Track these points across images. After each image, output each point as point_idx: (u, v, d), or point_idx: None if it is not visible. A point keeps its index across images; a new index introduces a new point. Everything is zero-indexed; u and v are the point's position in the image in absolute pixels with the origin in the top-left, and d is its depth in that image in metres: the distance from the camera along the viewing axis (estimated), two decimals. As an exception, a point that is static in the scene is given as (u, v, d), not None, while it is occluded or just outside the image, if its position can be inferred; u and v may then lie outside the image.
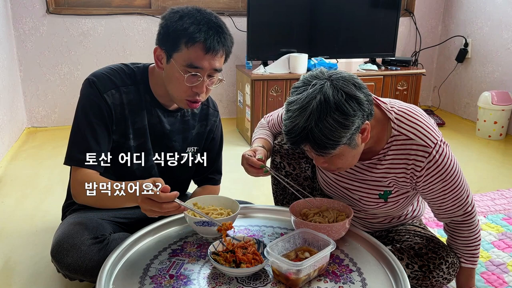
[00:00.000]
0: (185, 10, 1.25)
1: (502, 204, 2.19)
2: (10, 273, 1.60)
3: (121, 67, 1.37)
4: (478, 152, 3.02)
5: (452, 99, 3.91)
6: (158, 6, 3.33)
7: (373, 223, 1.47)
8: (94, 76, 1.33)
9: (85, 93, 1.32)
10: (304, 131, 1.07)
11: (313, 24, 3.29)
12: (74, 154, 1.30)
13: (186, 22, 1.22)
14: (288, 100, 1.12)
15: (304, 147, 1.15)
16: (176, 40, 1.23)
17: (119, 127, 1.34)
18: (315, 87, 1.08)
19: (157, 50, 1.29)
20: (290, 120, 1.09)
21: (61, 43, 3.20)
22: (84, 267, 1.23)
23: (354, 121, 1.08)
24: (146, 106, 1.37)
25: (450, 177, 1.23)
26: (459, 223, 1.32)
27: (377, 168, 1.29)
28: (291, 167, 1.44)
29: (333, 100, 1.06)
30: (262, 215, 1.47)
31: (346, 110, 1.06)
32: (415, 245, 1.35)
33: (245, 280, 1.12)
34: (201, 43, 1.22)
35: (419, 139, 1.21)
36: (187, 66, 1.24)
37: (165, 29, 1.25)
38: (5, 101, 2.78)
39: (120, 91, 1.33)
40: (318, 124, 1.06)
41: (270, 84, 2.99)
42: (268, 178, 1.82)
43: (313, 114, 1.06)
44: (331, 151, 1.11)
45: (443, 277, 1.32)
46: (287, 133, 1.11)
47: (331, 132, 1.07)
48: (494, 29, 3.43)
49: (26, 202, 2.16)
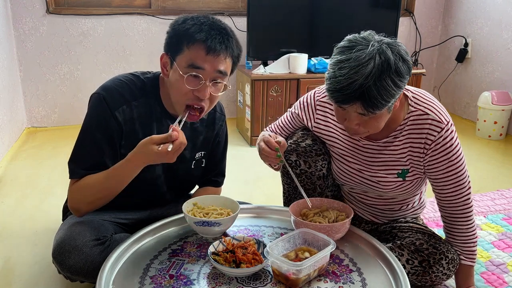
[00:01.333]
0: (191, 15, 1.25)
1: (502, 204, 2.19)
2: (10, 274, 1.60)
3: (132, 79, 1.34)
4: (478, 152, 3.03)
5: (452, 99, 3.91)
6: (158, 6, 3.33)
7: (383, 211, 1.49)
8: (105, 90, 1.29)
9: (94, 110, 1.29)
10: (361, 89, 1.09)
11: (313, 24, 3.29)
12: (77, 170, 1.30)
13: (188, 23, 1.22)
14: (338, 58, 1.14)
15: (350, 106, 1.15)
16: (179, 43, 1.22)
17: (128, 141, 1.32)
18: (373, 48, 1.11)
19: (163, 57, 1.28)
20: (345, 77, 1.10)
21: (61, 43, 3.20)
22: (86, 269, 1.22)
23: (405, 83, 1.14)
24: (156, 117, 1.35)
25: (456, 159, 1.28)
26: (457, 216, 1.34)
27: (394, 145, 1.33)
28: (307, 165, 1.44)
29: (393, 62, 1.10)
30: (262, 215, 1.47)
31: (402, 72, 1.12)
32: (416, 241, 1.36)
33: (245, 280, 1.12)
34: (201, 42, 1.20)
35: (434, 114, 1.27)
36: (188, 67, 1.22)
37: (170, 35, 1.25)
38: (5, 101, 2.78)
39: (131, 106, 1.31)
40: (376, 83, 1.09)
41: (270, 84, 2.99)
42: (268, 179, 1.84)
43: (374, 73, 1.09)
44: (378, 111, 1.14)
45: (442, 272, 1.33)
46: (339, 90, 1.12)
47: (386, 92, 1.11)
48: (494, 29, 3.43)
49: (26, 202, 2.16)
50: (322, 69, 3.10)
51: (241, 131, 3.34)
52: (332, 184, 1.53)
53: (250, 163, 2.69)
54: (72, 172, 1.31)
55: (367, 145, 1.37)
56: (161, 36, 3.36)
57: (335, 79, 1.12)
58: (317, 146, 1.44)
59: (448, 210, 1.35)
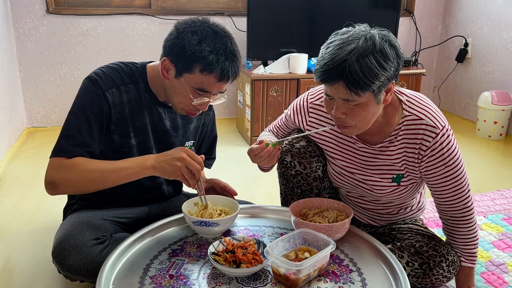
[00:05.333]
0: (203, 31, 1.23)
1: (502, 204, 2.19)
2: (10, 273, 1.60)
3: (120, 65, 1.37)
4: (478, 152, 3.02)
5: (452, 99, 3.91)
6: (158, 6, 3.33)
7: (381, 215, 1.48)
8: (95, 74, 1.32)
9: (85, 89, 1.31)
10: (343, 64, 1.10)
11: (313, 24, 3.29)
12: (67, 146, 1.25)
13: (205, 49, 1.21)
14: (328, 41, 1.19)
15: (334, 85, 1.15)
16: (192, 63, 1.23)
17: (119, 127, 1.34)
18: (360, 30, 1.16)
19: (165, 61, 1.27)
20: (330, 54, 1.13)
21: (61, 43, 3.20)
22: (86, 269, 1.22)
23: (390, 67, 1.13)
24: (146, 104, 1.37)
25: (453, 164, 1.26)
26: (458, 219, 1.33)
27: (389, 151, 1.32)
28: (302, 166, 1.44)
29: (378, 42, 1.12)
30: (262, 215, 1.47)
31: (387, 54, 1.13)
32: (416, 243, 1.36)
33: (245, 280, 1.12)
34: (217, 73, 1.23)
35: (429, 119, 1.25)
36: (197, 89, 1.26)
37: (180, 48, 1.23)
38: (5, 101, 2.78)
39: (120, 90, 1.33)
40: (359, 60, 1.10)
41: (270, 84, 2.99)
42: (268, 179, 1.84)
43: (357, 49, 1.11)
44: (361, 92, 1.13)
45: (443, 275, 1.33)
46: (323, 66, 1.14)
47: (369, 70, 1.10)
48: (494, 29, 3.43)
49: (26, 202, 2.16)
50: (322, 69, 3.10)
51: (241, 131, 3.34)
52: (329, 186, 1.53)
53: (250, 163, 2.68)
54: (61, 149, 1.26)
55: (362, 148, 1.36)
56: (161, 36, 3.35)
57: (321, 57, 1.16)
58: (311, 148, 1.43)
59: (448, 214, 1.34)
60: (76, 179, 1.24)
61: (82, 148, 1.26)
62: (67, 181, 1.25)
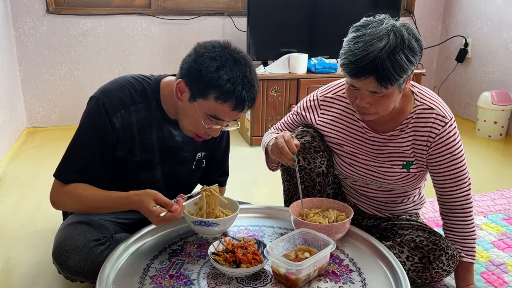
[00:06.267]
0: (222, 58, 1.18)
1: (502, 204, 2.19)
2: (10, 274, 1.60)
3: (132, 82, 1.32)
4: (478, 152, 3.02)
5: (452, 99, 3.91)
6: (158, 6, 3.33)
7: (385, 204, 1.51)
8: (104, 94, 1.28)
9: (91, 114, 1.28)
10: (375, 61, 1.14)
11: (313, 24, 3.29)
12: (66, 171, 1.30)
13: (222, 77, 1.17)
14: (353, 35, 1.20)
15: (363, 80, 1.18)
16: (207, 90, 1.19)
17: (125, 145, 1.31)
18: (387, 25, 1.19)
19: (181, 83, 1.23)
20: (361, 49, 1.15)
21: (61, 43, 3.20)
22: (86, 270, 1.22)
23: (417, 61, 1.20)
24: (157, 122, 1.34)
25: (458, 154, 1.32)
26: (457, 211, 1.35)
27: (400, 138, 1.36)
28: (306, 161, 1.45)
29: (407, 38, 1.17)
30: (262, 215, 1.47)
31: (415, 49, 1.18)
32: (417, 238, 1.37)
33: (245, 280, 1.12)
34: (232, 103, 1.20)
35: (439, 109, 1.32)
36: (209, 115, 1.22)
37: (197, 73, 1.19)
38: (5, 101, 2.78)
39: (130, 110, 1.29)
40: (390, 56, 1.14)
41: (270, 84, 2.99)
42: (268, 179, 1.84)
43: (388, 46, 1.14)
44: (390, 86, 1.18)
45: (442, 268, 1.33)
46: (354, 62, 1.16)
47: (399, 66, 1.15)
48: (494, 29, 3.43)
49: (26, 202, 2.16)
50: (322, 69, 3.10)
51: (241, 131, 3.34)
52: (332, 182, 1.53)
53: (250, 163, 2.69)
54: (61, 174, 1.30)
55: (373, 137, 1.39)
56: (161, 36, 3.36)
57: (351, 52, 1.17)
58: (316, 143, 1.45)
59: (448, 205, 1.36)
60: (70, 205, 1.32)
61: (80, 175, 1.29)
62: (64, 205, 1.33)
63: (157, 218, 1.16)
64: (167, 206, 1.17)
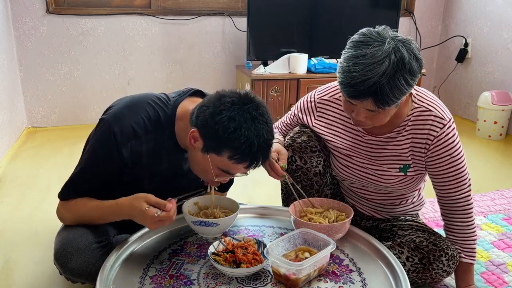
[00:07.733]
0: (241, 117, 1.13)
1: (502, 204, 2.19)
2: (10, 274, 1.60)
3: (147, 111, 1.26)
4: (478, 152, 3.02)
5: (452, 99, 3.91)
6: (158, 6, 3.33)
7: (384, 205, 1.50)
8: (116, 122, 1.23)
9: (101, 142, 1.25)
10: (375, 86, 1.11)
11: (313, 24, 3.29)
12: (69, 193, 1.31)
13: (239, 138, 1.12)
14: (353, 53, 1.15)
15: (361, 102, 1.17)
16: (222, 147, 1.15)
17: (133, 172, 1.29)
18: (389, 45, 1.13)
19: (195, 133, 1.18)
20: (360, 73, 1.12)
21: (61, 43, 3.20)
22: (88, 272, 1.22)
23: (415, 81, 1.17)
24: (168, 151, 1.31)
25: (457, 155, 1.31)
26: (458, 212, 1.35)
27: (397, 141, 1.35)
28: (303, 161, 1.45)
29: (407, 60, 1.12)
30: (262, 215, 1.47)
31: (415, 71, 1.14)
32: (416, 239, 1.37)
33: (245, 280, 1.12)
34: (246, 164, 1.18)
35: (437, 111, 1.30)
36: (221, 169, 1.20)
37: (213, 131, 1.14)
38: (5, 101, 2.77)
39: (141, 140, 1.26)
40: (390, 82, 1.11)
41: (270, 84, 2.99)
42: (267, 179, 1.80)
43: (389, 71, 1.11)
44: (388, 107, 1.17)
45: (442, 269, 1.33)
46: (353, 85, 1.13)
47: (398, 90, 1.13)
48: (494, 29, 3.43)
49: (26, 202, 2.16)
50: (322, 69, 3.10)
51: (241, 131, 3.34)
52: (330, 182, 1.53)
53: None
54: (63, 195, 1.32)
55: (370, 140, 1.39)
56: (161, 36, 3.36)
57: (350, 73, 1.14)
58: (312, 143, 1.45)
59: (448, 206, 1.36)
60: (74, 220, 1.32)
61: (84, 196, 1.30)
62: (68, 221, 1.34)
63: (152, 219, 1.14)
64: (160, 206, 1.15)
